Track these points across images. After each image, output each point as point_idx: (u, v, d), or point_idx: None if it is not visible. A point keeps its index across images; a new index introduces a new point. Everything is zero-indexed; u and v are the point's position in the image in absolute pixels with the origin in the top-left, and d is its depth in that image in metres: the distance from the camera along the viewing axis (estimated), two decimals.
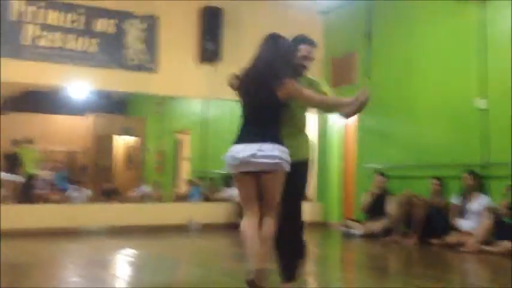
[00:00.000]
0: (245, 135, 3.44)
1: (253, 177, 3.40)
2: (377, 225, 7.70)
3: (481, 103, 6.93)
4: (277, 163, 3.33)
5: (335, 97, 3.58)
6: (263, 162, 3.32)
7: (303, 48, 3.67)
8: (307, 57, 3.69)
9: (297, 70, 3.65)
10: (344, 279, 5.00)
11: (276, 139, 3.39)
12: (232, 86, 3.62)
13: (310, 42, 3.71)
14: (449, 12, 7.49)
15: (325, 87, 3.79)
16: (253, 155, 3.33)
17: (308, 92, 3.49)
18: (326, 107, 3.78)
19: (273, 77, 3.42)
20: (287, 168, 3.37)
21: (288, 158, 3.38)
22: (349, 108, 3.48)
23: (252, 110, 3.50)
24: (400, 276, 5.26)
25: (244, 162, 3.36)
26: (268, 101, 3.43)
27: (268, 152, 3.33)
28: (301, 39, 3.71)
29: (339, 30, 9.54)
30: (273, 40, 3.58)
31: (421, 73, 7.90)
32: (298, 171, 3.50)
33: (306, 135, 3.77)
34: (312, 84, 3.71)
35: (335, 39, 9.51)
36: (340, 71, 9.33)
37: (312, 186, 9.91)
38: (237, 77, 3.59)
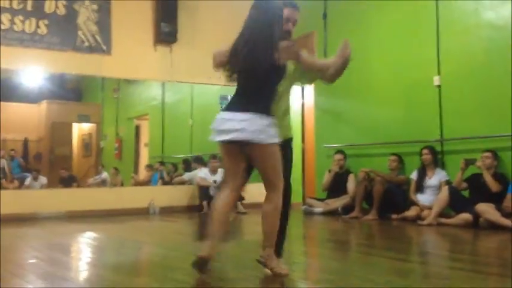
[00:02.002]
0: (234, 103, 3.32)
1: (238, 148, 3.28)
2: (338, 203, 7.79)
3: (435, 80, 7.06)
4: (261, 133, 3.18)
5: (322, 60, 3.43)
6: (247, 131, 3.17)
7: (286, 12, 3.51)
8: (289, 21, 3.55)
9: (282, 35, 3.46)
10: (308, 253, 5.03)
11: (266, 110, 3.25)
12: (220, 64, 3.42)
13: (292, 5, 3.59)
14: None
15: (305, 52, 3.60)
16: (238, 124, 3.19)
17: (305, 54, 3.35)
18: (317, 71, 3.56)
19: (268, 41, 3.27)
20: (273, 140, 3.23)
21: (276, 132, 3.25)
22: (334, 69, 3.41)
23: (244, 78, 3.34)
24: (361, 247, 5.33)
25: (227, 130, 3.22)
26: (262, 68, 3.25)
27: (255, 122, 3.18)
28: (283, 3, 3.54)
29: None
30: (261, 6, 3.39)
31: (376, 52, 7.98)
32: (284, 149, 3.41)
33: (289, 117, 3.67)
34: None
35: None
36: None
37: None
38: (225, 52, 3.39)
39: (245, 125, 3.18)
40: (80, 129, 12.33)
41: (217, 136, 3.29)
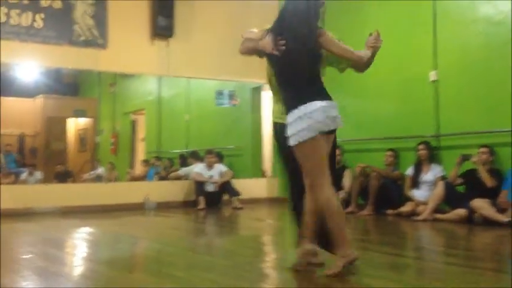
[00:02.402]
0: (312, 92, 3.19)
1: (325, 138, 3.21)
2: None
3: (432, 75, 7.05)
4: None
5: (353, 51, 3.38)
6: (339, 118, 3.23)
7: None
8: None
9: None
10: None
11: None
12: (251, 51, 3.34)
13: None
14: None
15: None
16: (334, 111, 3.20)
17: (340, 43, 3.32)
18: (348, 61, 3.54)
19: (312, 27, 3.24)
20: None
21: None
22: (366, 59, 3.42)
23: (299, 66, 3.23)
24: (357, 243, 5.31)
25: (332, 118, 3.18)
26: (314, 52, 3.25)
27: (336, 108, 3.22)
28: None
29: None
30: None
31: None
32: None
33: None
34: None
35: None
36: None
37: (268, 161, 9.95)
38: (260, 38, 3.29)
39: (336, 112, 3.22)
40: (76, 124, 12.32)
41: (324, 126, 3.15)
